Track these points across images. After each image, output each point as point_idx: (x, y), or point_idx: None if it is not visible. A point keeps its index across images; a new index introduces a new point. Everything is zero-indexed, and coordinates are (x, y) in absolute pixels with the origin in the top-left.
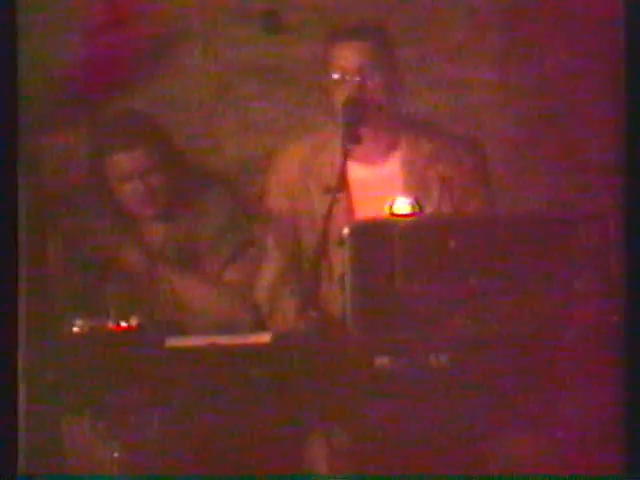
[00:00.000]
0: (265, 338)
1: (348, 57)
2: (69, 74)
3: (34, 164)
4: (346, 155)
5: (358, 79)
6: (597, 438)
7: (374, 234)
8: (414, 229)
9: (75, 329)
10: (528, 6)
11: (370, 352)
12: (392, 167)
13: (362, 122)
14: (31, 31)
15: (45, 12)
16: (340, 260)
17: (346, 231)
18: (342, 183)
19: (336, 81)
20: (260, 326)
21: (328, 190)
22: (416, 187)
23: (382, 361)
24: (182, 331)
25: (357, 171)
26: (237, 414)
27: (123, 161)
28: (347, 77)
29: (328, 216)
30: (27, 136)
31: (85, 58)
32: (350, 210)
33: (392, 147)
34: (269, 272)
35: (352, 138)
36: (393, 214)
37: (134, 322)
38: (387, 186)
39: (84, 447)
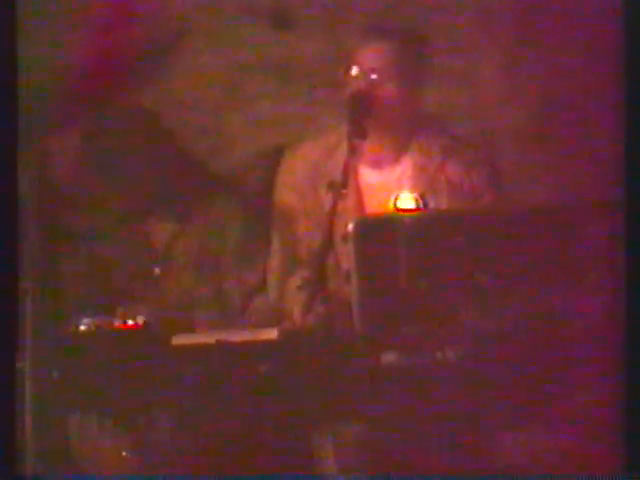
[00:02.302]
0: (272, 334)
1: (369, 56)
2: (72, 73)
3: (41, 163)
4: (352, 150)
5: (373, 77)
6: (597, 437)
7: (379, 229)
8: (419, 224)
9: (82, 327)
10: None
11: (376, 348)
12: (403, 170)
13: (368, 117)
14: (32, 30)
15: (48, 11)
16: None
17: (351, 227)
18: (346, 179)
19: (352, 79)
20: (268, 322)
21: (332, 186)
22: (425, 190)
23: (388, 357)
24: (189, 329)
25: (368, 174)
26: (244, 411)
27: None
28: (362, 75)
29: (332, 212)
30: (30, 136)
31: (89, 57)
32: (361, 212)
33: (403, 149)
34: (276, 269)
35: (357, 133)
36: (398, 209)
37: (141, 320)
38: (397, 189)
39: (91, 446)
